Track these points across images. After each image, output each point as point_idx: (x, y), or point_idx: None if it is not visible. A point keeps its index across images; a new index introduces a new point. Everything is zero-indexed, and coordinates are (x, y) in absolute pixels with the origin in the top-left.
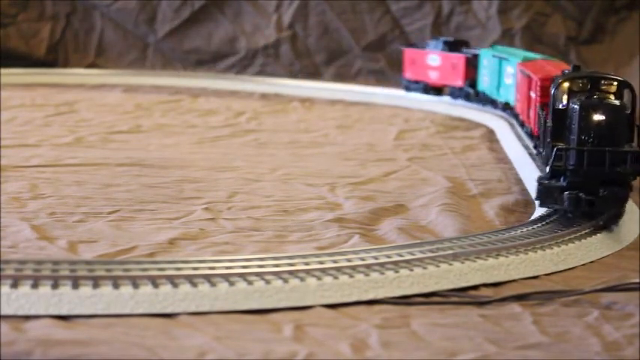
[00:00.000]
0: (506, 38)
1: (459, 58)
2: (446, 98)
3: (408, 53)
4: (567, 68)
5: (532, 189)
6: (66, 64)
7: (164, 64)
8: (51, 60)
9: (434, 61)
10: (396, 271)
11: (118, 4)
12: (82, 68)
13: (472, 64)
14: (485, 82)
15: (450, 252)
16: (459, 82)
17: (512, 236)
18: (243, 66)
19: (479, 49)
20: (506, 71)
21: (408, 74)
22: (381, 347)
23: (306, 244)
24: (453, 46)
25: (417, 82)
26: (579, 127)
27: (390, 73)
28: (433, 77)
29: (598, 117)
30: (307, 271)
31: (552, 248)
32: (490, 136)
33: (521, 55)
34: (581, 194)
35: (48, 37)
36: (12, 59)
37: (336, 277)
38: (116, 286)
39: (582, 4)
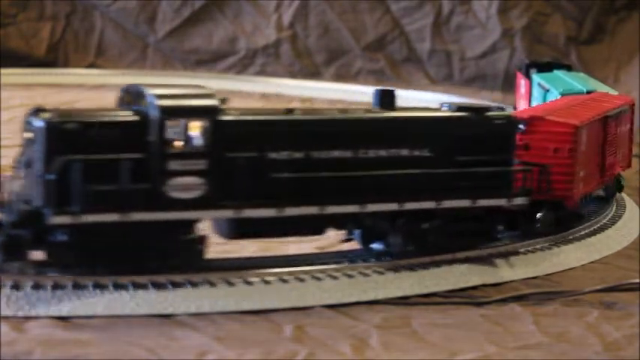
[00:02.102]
0: (506, 38)
1: (528, 84)
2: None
3: (519, 77)
4: (618, 104)
5: None
6: (66, 64)
7: (164, 64)
8: (51, 60)
9: (522, 87)
10: (396, 272)
11: (118, 4)
12: (82, 68)
13: None
14: None
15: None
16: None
17: None
18: (243, 66)
19: (568, 73)
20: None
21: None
22: (382, 347)
23: (307, 243)
24: (543, 69)
25: None
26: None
27: (390, 73)
28: (521, 106)
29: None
30: (307, 272)
31: None
32: None
33: (572, 85)
34: None
35: (48, 37)
36: (12, 59)
37: (335, 278)
38: (117, 286)
39: (582, 4)
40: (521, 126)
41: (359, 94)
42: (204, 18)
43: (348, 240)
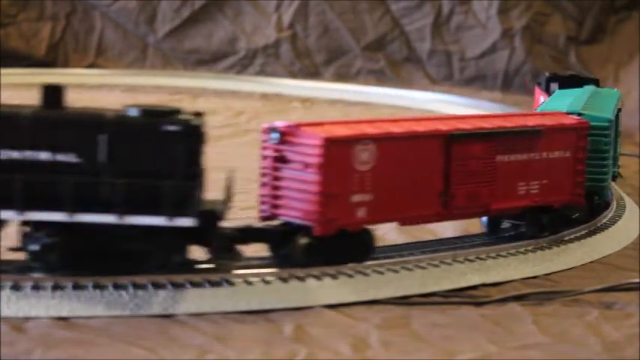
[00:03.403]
0: (506, 38)
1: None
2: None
3: (537, 92)
4: (578, 123)
5: None
6: (66, 64)
7: (164, 64)
8: (51, 60)
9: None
10: (396, 272)
11: (118, 4)
12: (82, 68)
13: None
14: None
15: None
16: None
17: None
18: (243, 66)
19: (594, 89)
20: None
21: None
22: (381, 347)
23: None
24: (566, 83)
25: None
26: None
27: (389, 73)
28: None
29: None
30: (307, 272)
31: None
32: None
33: (581, 102)
34: None
35: (48, 37)
36: (12, 59)
37: (335, 277)
38: (117, 287)
39: (582, 4)
40: (275, 135)
41: (359, 94)
42: (204, 18)
43: (17, 249)
